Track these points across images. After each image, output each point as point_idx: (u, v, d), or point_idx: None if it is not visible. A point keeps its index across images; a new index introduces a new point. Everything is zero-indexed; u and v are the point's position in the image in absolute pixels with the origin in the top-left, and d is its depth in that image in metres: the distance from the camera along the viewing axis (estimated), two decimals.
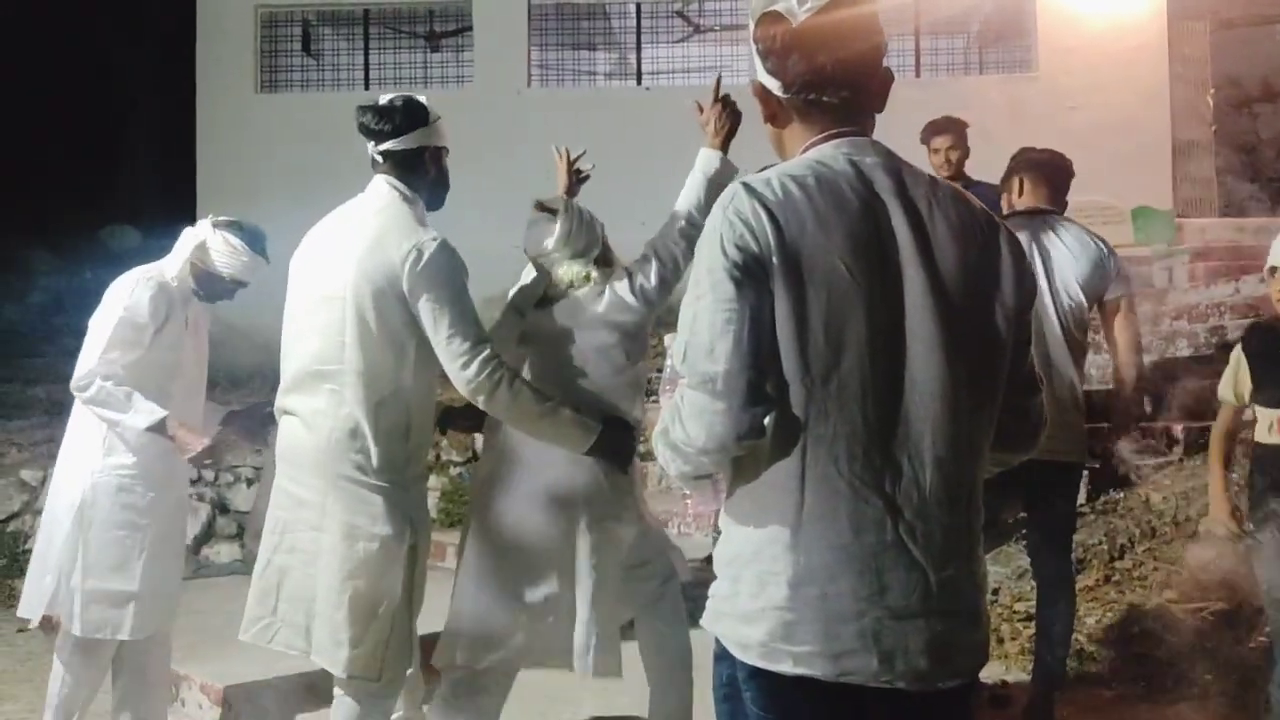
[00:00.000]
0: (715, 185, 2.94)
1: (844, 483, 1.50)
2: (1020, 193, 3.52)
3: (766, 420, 1.50)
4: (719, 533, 1.66)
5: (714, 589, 1.61)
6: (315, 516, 2.63)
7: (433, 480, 6.77)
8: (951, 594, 1.52)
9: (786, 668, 1.50)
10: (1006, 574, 4.23)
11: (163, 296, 3.23)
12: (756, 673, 1.53)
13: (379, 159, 2.86)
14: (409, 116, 2.82)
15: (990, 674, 3.82)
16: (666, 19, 10.27)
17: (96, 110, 12.84)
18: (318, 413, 2.62)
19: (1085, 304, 3.35)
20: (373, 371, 2.60)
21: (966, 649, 1.56)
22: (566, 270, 2.96)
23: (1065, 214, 3.56)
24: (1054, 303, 3.30)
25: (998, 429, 1.63)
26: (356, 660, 2.57)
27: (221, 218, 3.40)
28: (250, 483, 6.53)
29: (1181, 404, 5.87)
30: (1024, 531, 3.52)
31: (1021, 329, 1.64)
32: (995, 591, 4.37)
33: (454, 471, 6.86)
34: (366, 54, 10.00)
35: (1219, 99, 10.41)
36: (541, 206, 3.10)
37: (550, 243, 2.98)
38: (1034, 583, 3.56)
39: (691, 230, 2.95)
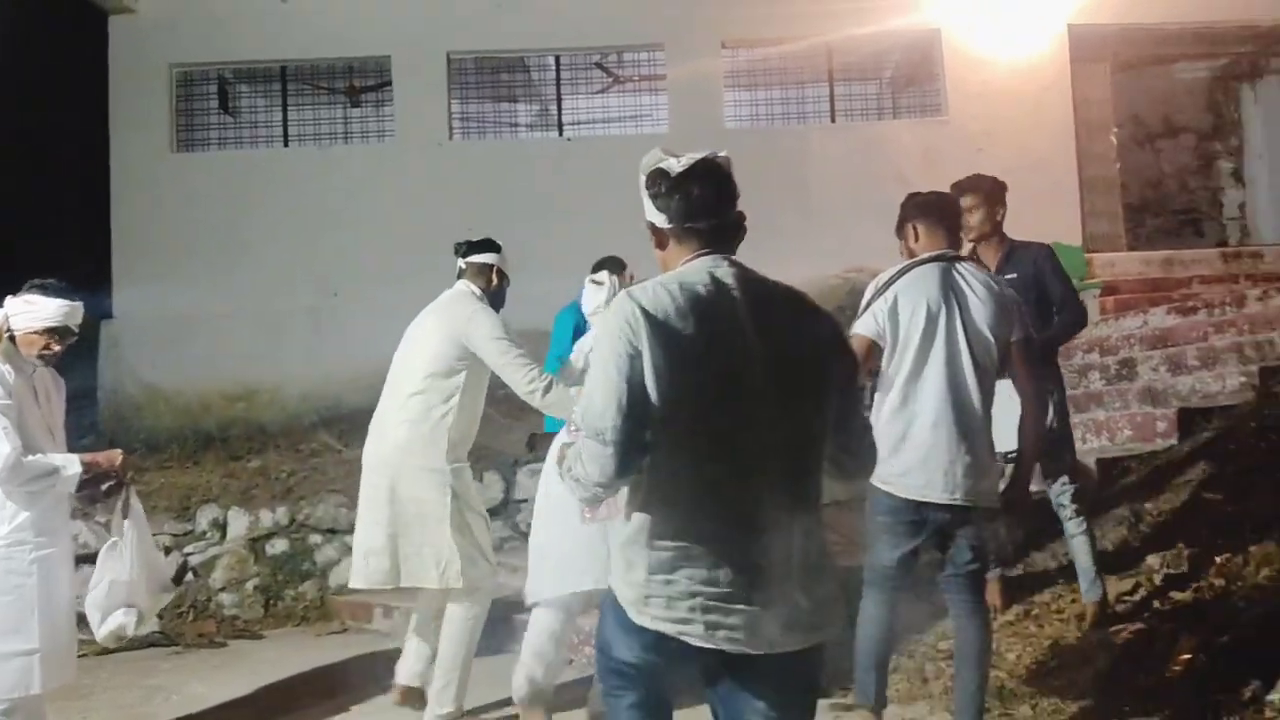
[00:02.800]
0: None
1: (693, 502, 2.13)
2: (916, 238, 3.55)
3: (636, 460, 2.13)
4: None
5: (611, 566, 2.27)
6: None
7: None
8: (774, 585, 2.11)
9: (646, 623, 2.13)
10: (930, 613, 4.27)
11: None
12: (630, 627, 2.15)
13: (463, 268, 4.50)
14: (485, 245, 4.54)
15: (915, 714, 3.86)
16: (586, 70, 10.39)
17: (9, 172, 12.56)
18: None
19: (996, 348, 3.39)
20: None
21: (788, 628, 2.11)
22: None
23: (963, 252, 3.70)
24: (969, 348, 3.35)
25: (835, 463, 2.27)
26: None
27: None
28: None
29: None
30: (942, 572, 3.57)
31: (849, 389, 2.31)
32: (921, 631, 4.42)
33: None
34: (285, 110, 9.94)
35: (1123, 137, 10.80)
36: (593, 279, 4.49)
37: (593, 306, 4.34)
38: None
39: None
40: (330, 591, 6.47)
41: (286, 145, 9.87)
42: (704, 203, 2.29)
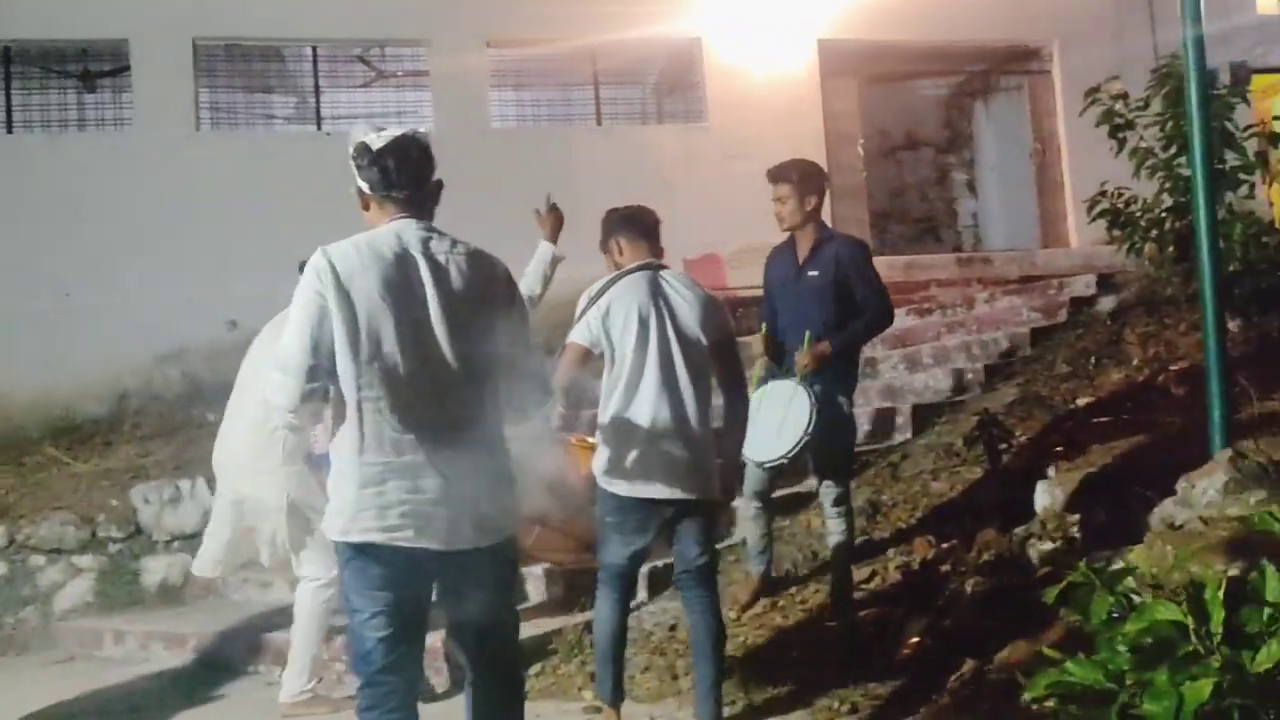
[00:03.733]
0: (553, 268, 4.44)
1: (387, 425, 2.55)
2: (621, 252, 3.77)
3: (320, 388, 2.57)
4: None
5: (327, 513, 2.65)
6: None
7: (88, 559, 6.19)
8: (467, 492, 2.56)
9: (356, 538, 2.55)
10: (680, 611, 4.36)
11: None
12: (342, 545, 2.58)
13: None
14: None
15: (665, 711, 3.93)
16: (347, 63, 10.04)
17: None
18: None
19: (706, 347, 3.61)
20: None
21: (479, 528, 2.59)
22: None
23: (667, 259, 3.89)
24: (681, 351, 3.57)
25: (516, 396, 2.74)
26: None
27: None
28: None
29: None
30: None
31: (520, 335, 2.75)
32: (673, 628, 4.51)
33: (113, 549, 6.28)
34: (9, 94, 9.09)
35: (869, 148, 11.44)
36: None
37: None
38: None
39: (531, 304, 4.04)
40: (55, 618, 5.95)
41: (10, 132, 9.03)
42: (399, 175, 2.68)
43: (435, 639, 4.25)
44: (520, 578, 4.61)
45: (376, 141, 2.69)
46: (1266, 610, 2.23)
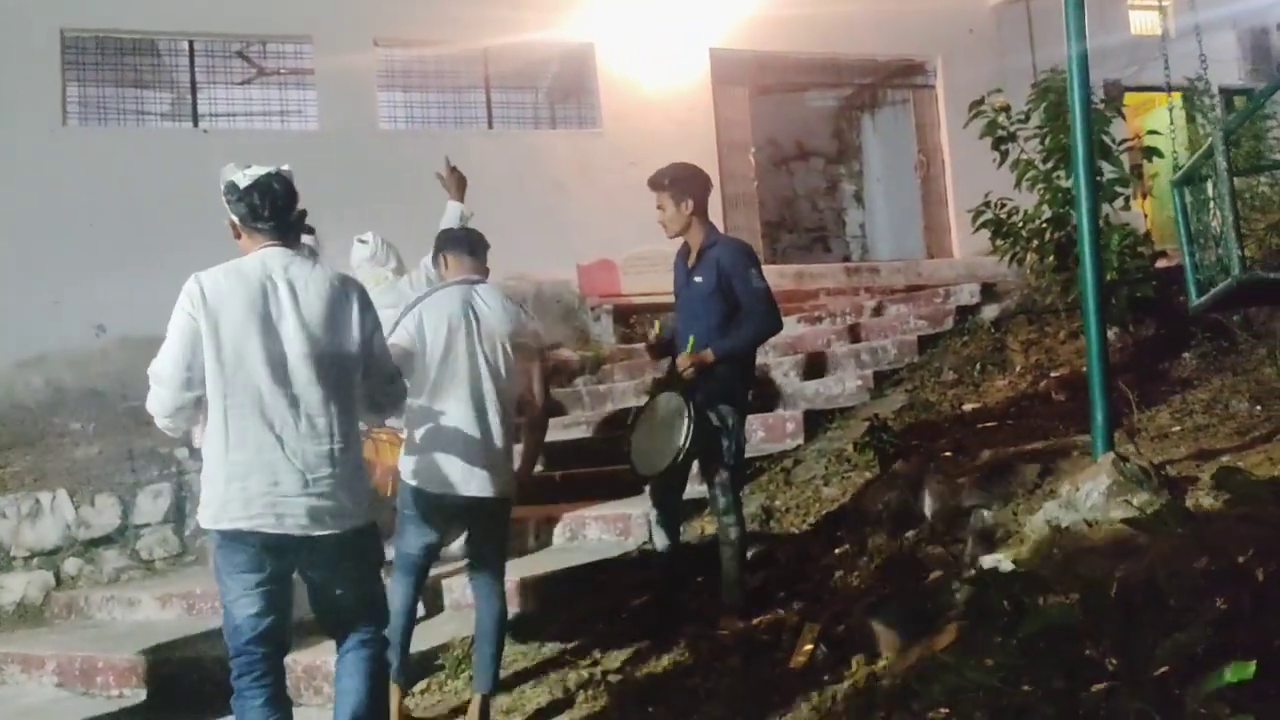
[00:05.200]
0: (461, 223, 4.79)
1: (250, 427, 2.94)
2: (446, 267, 4.24)
3: (192, 398, 2.98)
4: None
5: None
6: None
7: None
8: (322, 486, 2.98)
9: (226, 526, 2.94)
10: None
11: None
12: (214, 533, 2.98)
13: None
14: None
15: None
16: (226, 59, 9.67)
17: None
18: None
19: (512, 355, 4.01)
20: None
21: (332, 515, 2.99)
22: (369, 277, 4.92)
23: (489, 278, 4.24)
24: (485, 358, 3.94)
25: (370, 402, 3.23)
26: None
27: None
28: None
29: None
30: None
31: (370, 346, 3.16)
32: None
33: None
34: None
35: (760, 158, 11.54)
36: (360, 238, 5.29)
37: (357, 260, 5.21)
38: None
39: None
40: None
41: None
42: (264, 209, 3.06)
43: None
44: None
45: (244, 180, 3.07)
46: None
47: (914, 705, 2.78)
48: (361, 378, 3.14)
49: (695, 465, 4.43)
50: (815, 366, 7.18)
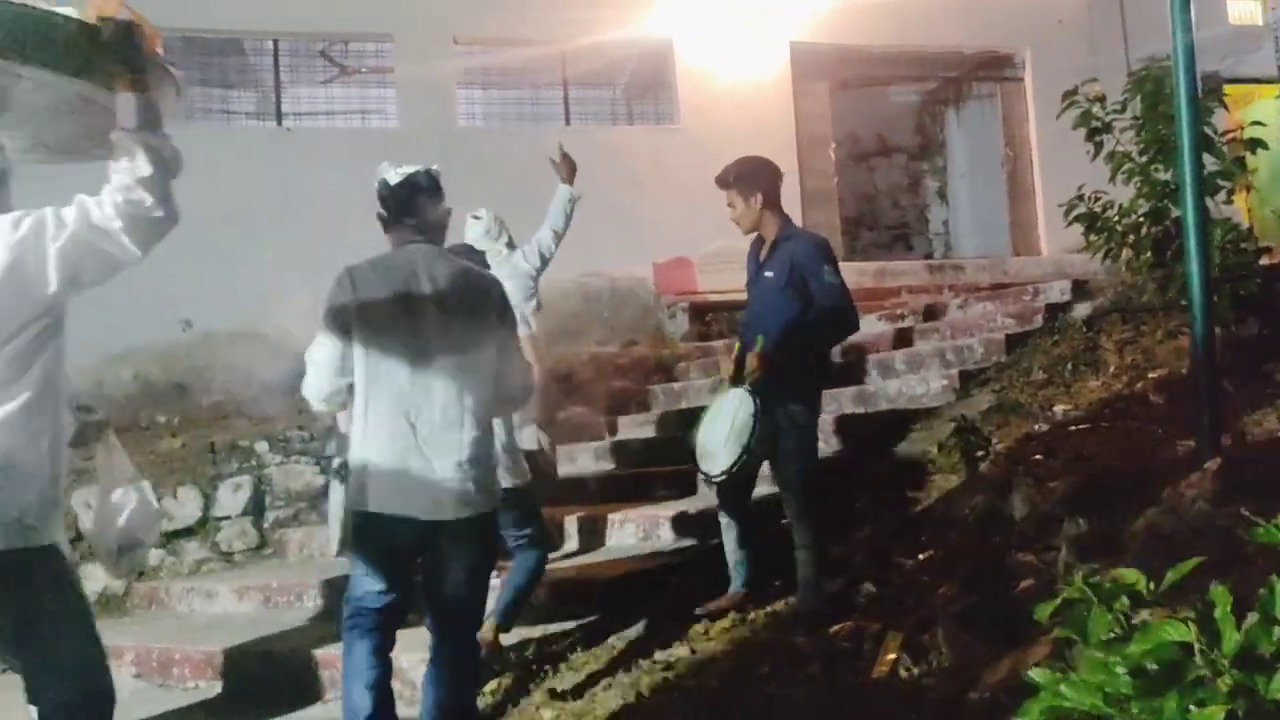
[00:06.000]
0: (571, 206, 5.55)
1: (386, 417, 3.13)
2: None
3: (344, 384, 3.19)
4: None
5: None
6: None
7: None
8: (450, 475, 3.13)
9: (365, 508, 3.15)
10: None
11: None
12: (355, 513, 3.20)
13: None
14: None
15: None
16: (309, 58, 9.79)
17: None
18: None
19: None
20: None
21: (459, 502, 3.15)
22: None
23: None
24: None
25: (500, 388, 3.31)
26: None
27: None
28: None
29: None
30: None
31: (505, 341, 3.33)
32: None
33: None
34: None
35: (840, 153, 11.34)
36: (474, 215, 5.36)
37: (473, 236, 5.20)
38: None
39: (556, 237, 5.48)
40: None
41: None
42: (409, 206, 3.28)
43: None
44: None
45: (393, 177, 3.28)
46: (1277, 630, 2.08)
47: None
48: (495, 371, 3.27)
49: (766, 466, 4.32)
50: (898, 365, 6.99)
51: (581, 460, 6.75)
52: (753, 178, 4.36)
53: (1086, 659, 2.23)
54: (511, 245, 5.41)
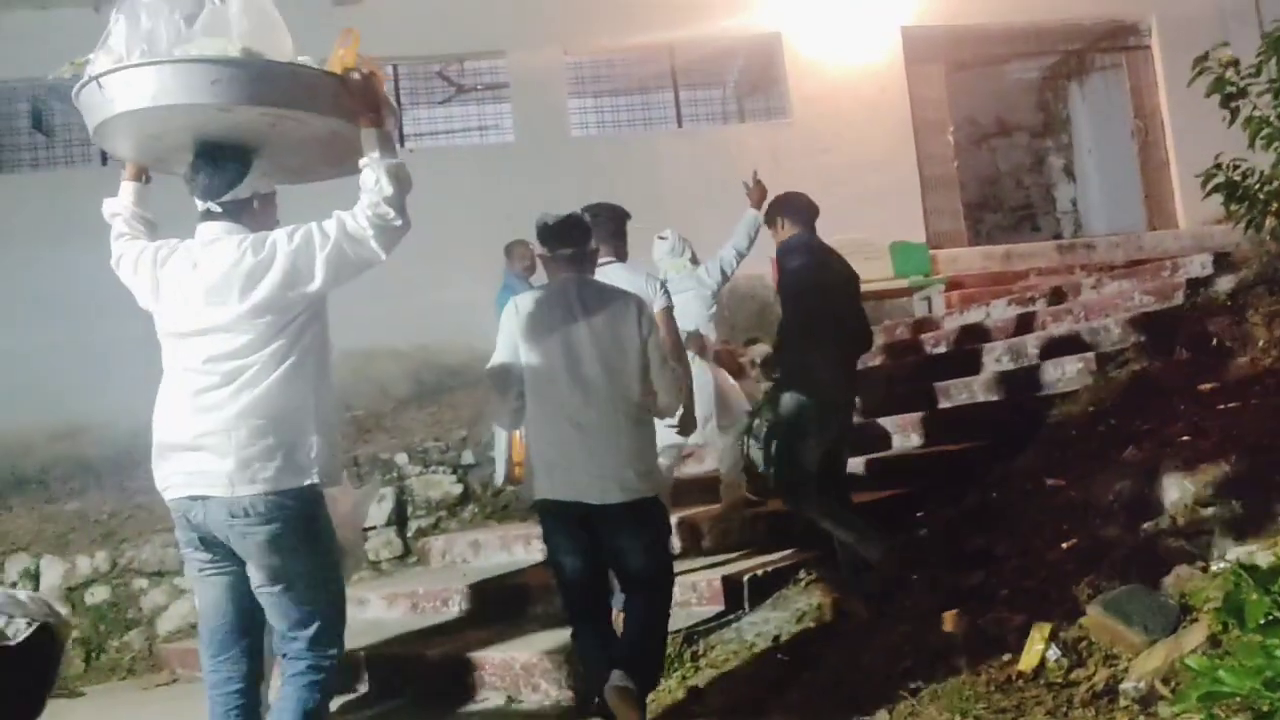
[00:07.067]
0: (755, 229, 5.79)
1: (549, 422, 3.75)
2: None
3: (516, 398, 3.79)
4: None
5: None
6: None
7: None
8: (612, 470, 3.69)
9: (545, 496, 3.77)
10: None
11: None
12: (538, 502, 3.83)
13: None
14: None
15: None
16: (427, 80, 10.09)
17: None
18: None
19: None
20: None
21: (619, 488, 3.69)
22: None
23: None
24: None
25: (648, 398, 3.82)
26: None
27: None
28: None
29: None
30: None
31: (647, 346, 3.82)
32: (776, 638, 4.33)
33: None
34: None
35: (959, 136, 11.09)
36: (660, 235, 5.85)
37: (659, 254, 5.82)
38: None
39: (739, 256, 5.84)
40: (159, 640, 6.02)
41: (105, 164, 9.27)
42: (562, 243, 3.85)
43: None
44: None
45: (549, 220, 3.87)
46: None
47: (1162, 711, 2.57)
48: (642, 374, 3.78)
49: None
50: (1030, 350, 6.81)
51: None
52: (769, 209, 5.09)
53: (1243, 643, 2.16)
54: (695, 261, 5.80)
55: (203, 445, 2.90)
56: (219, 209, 3.04)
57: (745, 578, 4.89)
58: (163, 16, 2.95)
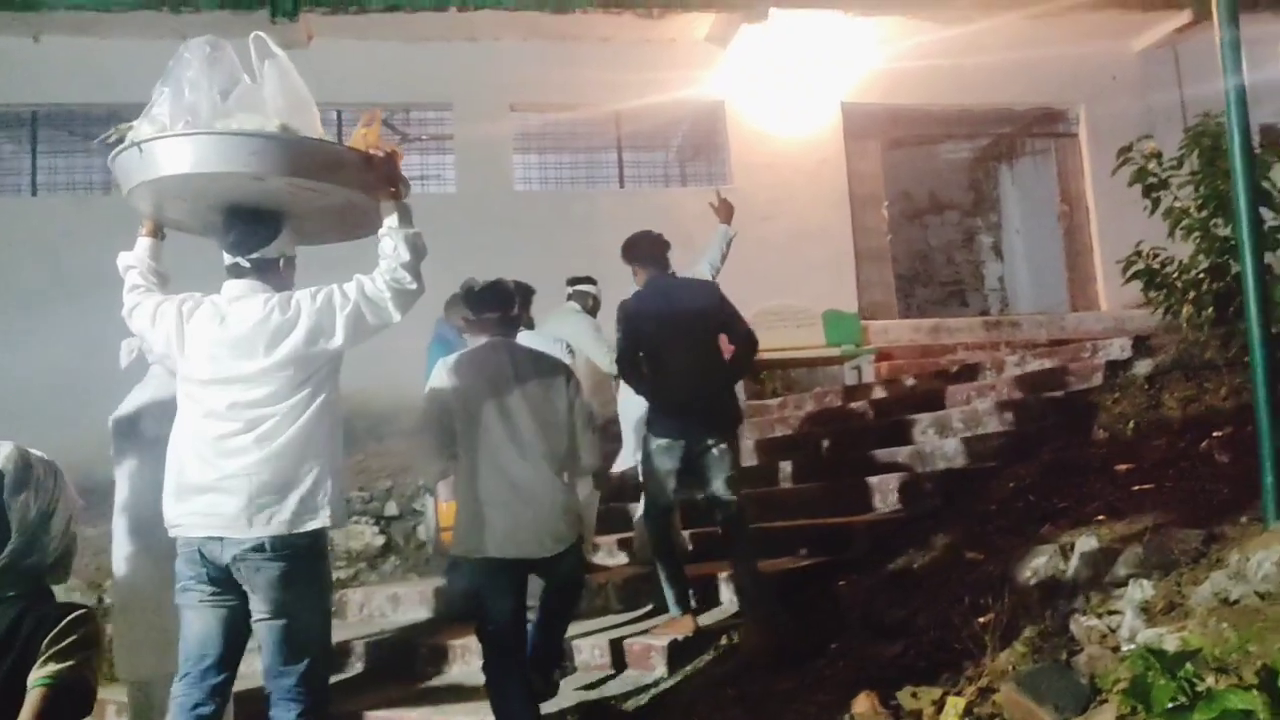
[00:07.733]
0: (727, 244, 6.24)
1: (484, 480, 3.96)
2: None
3: (448, 455, 4.05)
4: None
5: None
6: None
7: None
8: (549, 526, 4.02)
9: (485, 554, 3.96)
10: None
11: None
12: (473, 567, 4.05)
13: None
14: None
15: None
16: None
17: None
18: None
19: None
20: None
21: (554, 539, 4.05)
22: None
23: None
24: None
25: (572, 458, 4.22)
26: None
27: None
28: None
29: None
30: None
31: (573, 412, 4.18)
32: None
33: None
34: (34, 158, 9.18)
35: (893, 211, 11.36)
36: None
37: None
38: None
39: (714, 270, 6.12)
40: None
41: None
42: (488, 308, 4.20)
43: None
44: None
45: (475, 286, 4.29)
46: None
47: None
48: (570, 436, 4.12)
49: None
50: (955, 424, 6.94)
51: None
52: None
53: None
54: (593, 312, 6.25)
55: (223, 487, 3.11)
56: (247, 265, 3.29)
57: (666, 642, 4.86)
58: (203, 91, 3.20)
